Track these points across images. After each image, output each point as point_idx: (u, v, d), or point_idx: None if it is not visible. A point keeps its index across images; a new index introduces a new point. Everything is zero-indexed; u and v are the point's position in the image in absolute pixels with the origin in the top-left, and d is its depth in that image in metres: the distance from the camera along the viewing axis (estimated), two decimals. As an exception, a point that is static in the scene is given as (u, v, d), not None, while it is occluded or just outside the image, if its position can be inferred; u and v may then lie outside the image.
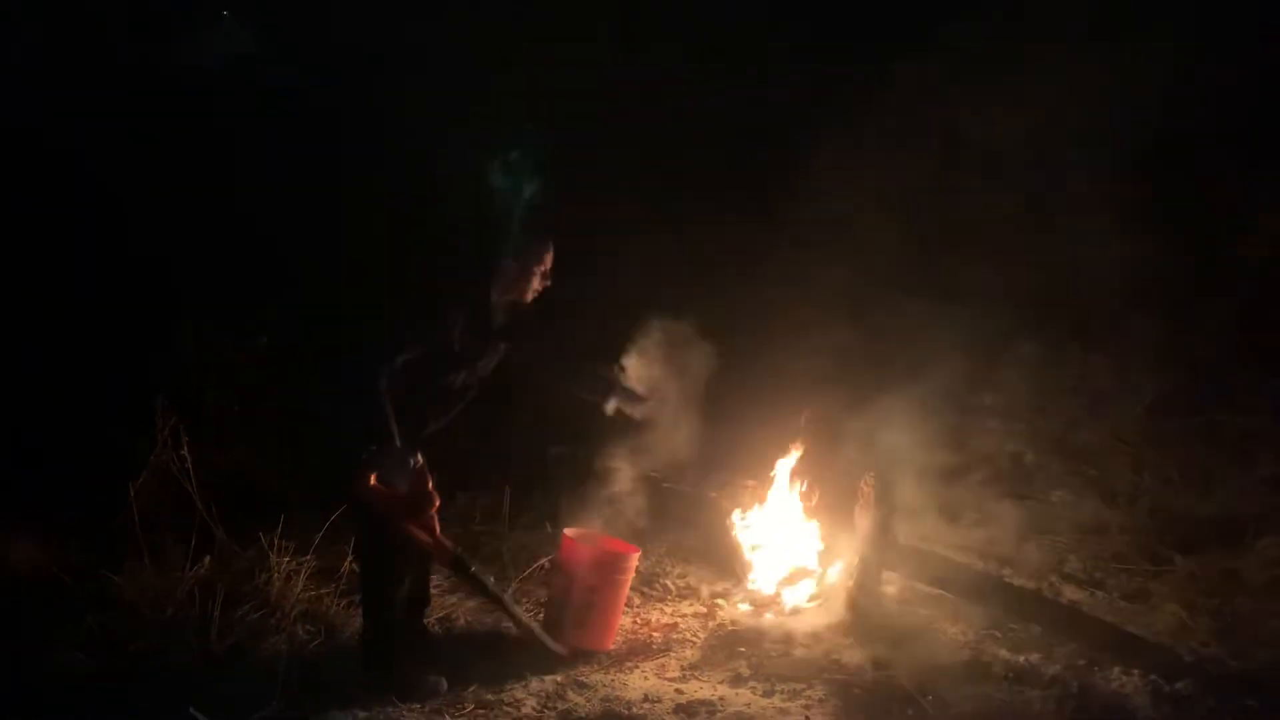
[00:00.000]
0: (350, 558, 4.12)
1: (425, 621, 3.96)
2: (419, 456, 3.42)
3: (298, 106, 6.97)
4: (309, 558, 4.08)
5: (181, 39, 7.44)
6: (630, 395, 3.93)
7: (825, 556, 4.39)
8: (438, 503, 3.47)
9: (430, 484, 3.43)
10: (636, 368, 4.02)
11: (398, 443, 3.34)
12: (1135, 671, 3.76)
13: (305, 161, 6.50)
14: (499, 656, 3.88)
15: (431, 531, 3.51)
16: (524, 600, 4.27)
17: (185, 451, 4.28)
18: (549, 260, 3.61)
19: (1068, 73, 7.21)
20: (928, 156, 7.06)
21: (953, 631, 4.14)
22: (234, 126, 6.71)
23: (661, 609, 4.34)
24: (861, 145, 6.92)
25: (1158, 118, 7.10)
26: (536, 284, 3.61)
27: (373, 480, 3.36)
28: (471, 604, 4.23)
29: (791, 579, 4.35)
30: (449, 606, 4.19)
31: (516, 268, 3.56)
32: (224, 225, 6.14)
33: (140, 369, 5.09)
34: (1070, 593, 4.43)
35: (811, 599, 4.30)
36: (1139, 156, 7.14)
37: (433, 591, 4.23)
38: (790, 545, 4.42)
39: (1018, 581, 4.46)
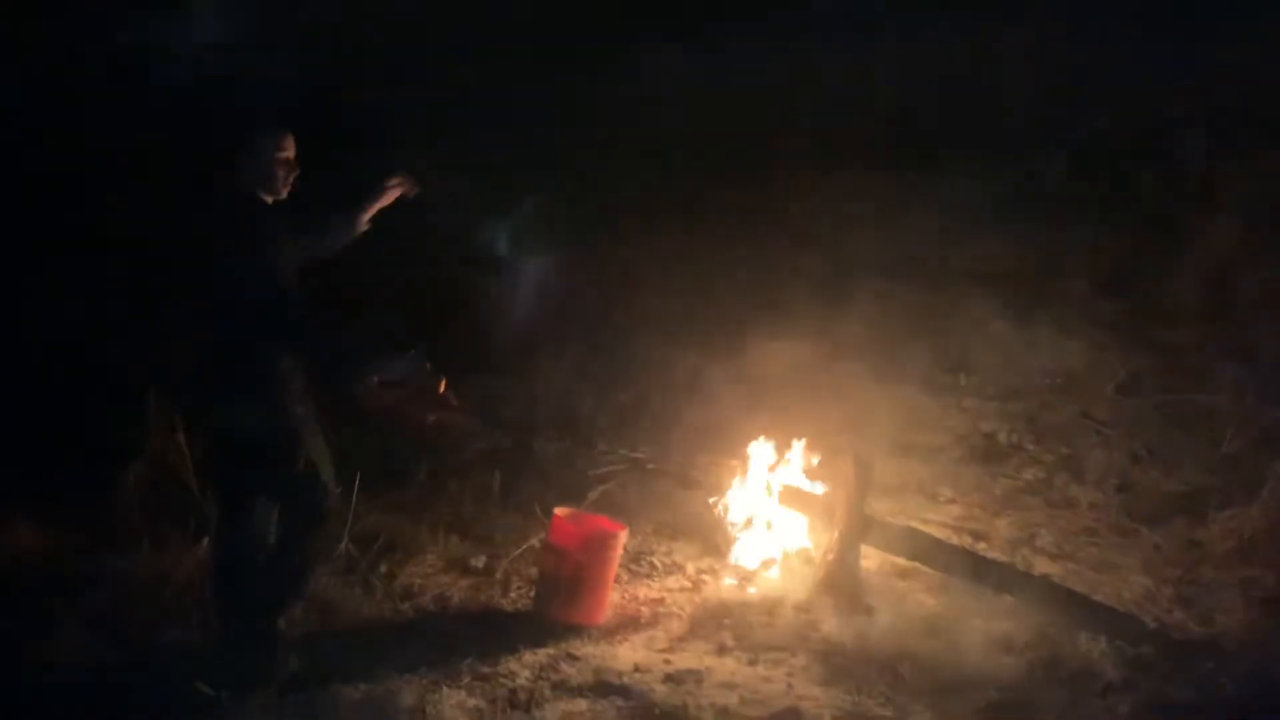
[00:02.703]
0: (345, 540, 4.22)
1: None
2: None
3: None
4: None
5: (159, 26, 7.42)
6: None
7: (806, 533, 4.52)
8: (444, 380, 3.37)
9: (429, 365, 3.34)
10: None
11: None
12: (1102, 638, 3.94)
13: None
14: (492, 630, 3.99)
15: (455, 407, 3.45)
16: (515, 578, 4.38)
17: (180, 436, 4.37)
18: (289, 146, 3.45)
19: (1042, 59, 7.37)
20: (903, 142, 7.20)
21: (929, 603, 4.27)
22: (217, 109, 6.72)
23: (649, 585, 4.45)
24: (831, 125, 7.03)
25: (1128, 104, 7.28)
26: (284, 173, 3.46)
27: (377, 383, 3.28)
28: (465, 582, 4.34)
29: (774, 554, 4.49)
30: (444, 585, 4.29)
31: (266, 161, 3.42)
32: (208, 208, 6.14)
33: (134, 353, 5.13)
34: (1042, 565, 4.57)
35: (793, 573, 4.44)
36: (1109, 141, 7.32)
37: (427, 570, 4.35)
38: (773, 522, 4.55)
39: (991, 555, 4.60)
